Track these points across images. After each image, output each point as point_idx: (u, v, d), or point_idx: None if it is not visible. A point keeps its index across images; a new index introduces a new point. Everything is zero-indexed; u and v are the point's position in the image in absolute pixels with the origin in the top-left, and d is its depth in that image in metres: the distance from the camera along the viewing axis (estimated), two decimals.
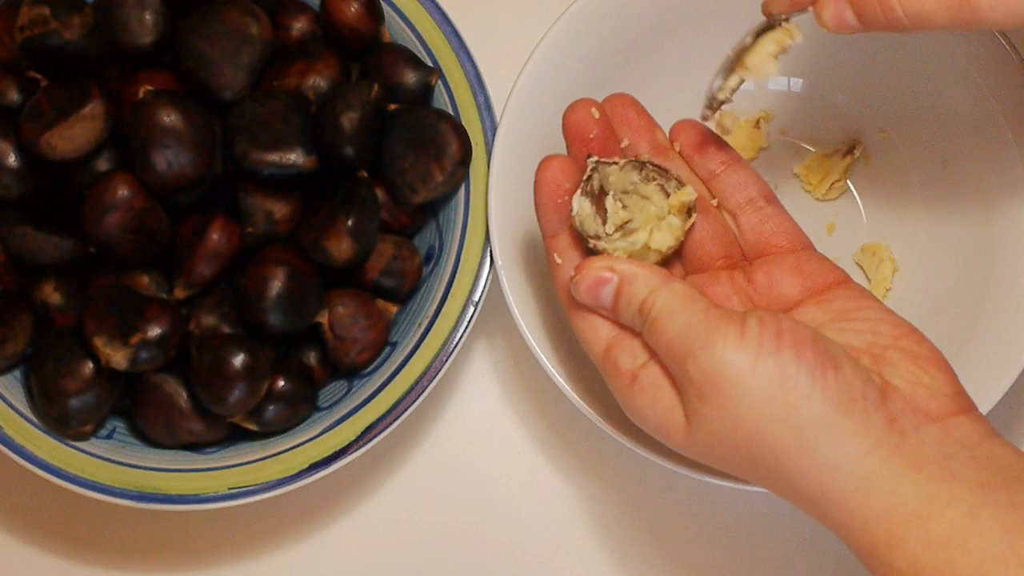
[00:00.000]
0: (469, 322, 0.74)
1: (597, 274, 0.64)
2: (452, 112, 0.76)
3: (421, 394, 0.73)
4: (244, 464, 0.73)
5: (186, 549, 0.78)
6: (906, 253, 0.79)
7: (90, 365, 0.71)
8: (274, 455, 0.73)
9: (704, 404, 0.60)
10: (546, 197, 0.68)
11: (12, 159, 0.72)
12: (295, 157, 0.73)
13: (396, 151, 0.75)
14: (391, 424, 0.73)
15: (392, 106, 0.75)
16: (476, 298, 0.75)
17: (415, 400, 0.73)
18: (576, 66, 0.76)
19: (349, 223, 0.73)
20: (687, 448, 0.62)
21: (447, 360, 0.74)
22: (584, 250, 0.67)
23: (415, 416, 0.75)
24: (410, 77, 0.77)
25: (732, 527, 0.79)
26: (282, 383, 0.73)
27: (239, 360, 0.71)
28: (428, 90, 0.77)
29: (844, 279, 0.66)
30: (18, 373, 0.74)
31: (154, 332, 0.71)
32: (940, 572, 0.55)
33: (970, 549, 0.55)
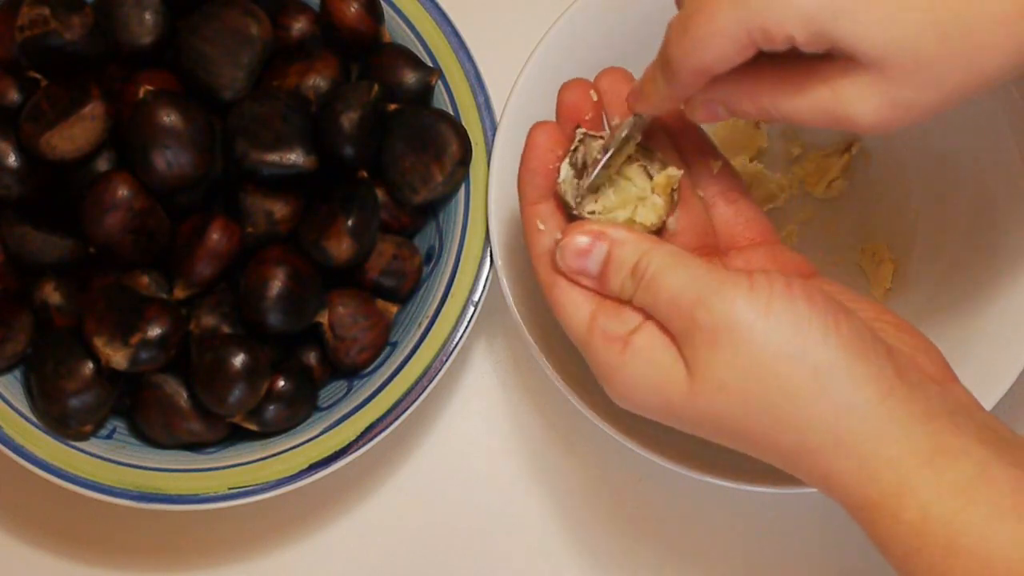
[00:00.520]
0: (469, 322, 0.74)
1: (585, 238, 0.62)
2: (452, 112, 0.76)
3: (421, 394, 0.73)
4: (244, 464, 0.73)
5: (186, 549, 0.78)
6: (906, 253, 0.79)
7: (90, 365, 0.71)
8: (274, 455, 0.73)
9: (715, 352, 0.58)
10: (536, 161, 0.66)
11: (12, 159, 0.72)
12: (295, 157, 0.73)
13: (396, 151, 0.75)
14: (391, 424, 0.73)
15: (392, 106, 0.75)
16: (476, 298, 0.75)
17: (415, 400, 0.73)
18: (576, 66, 0.76)
19: (349, 223, 0.73)
20: (688, 407, 0.60)
21: (447, 360, 0.74)
22: (568, 218, 0.66)
23: (415, 416, 0.75)
24: (410, 77, 0.77)
25: (732, 527, 0.79)
26: (282, 383, 0.73)
27: (239, 360, 0.71)
28: (428, 90, 0.77)
29: (816, 272, 0.66)
30: (18, 373, 0.74)
31: (154, 332, 0.71)
32: (949, 522, 0.55)
33: (979, 500, 0.55)
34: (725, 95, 0.62)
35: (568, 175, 0.66)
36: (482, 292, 0.75)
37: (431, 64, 0.77)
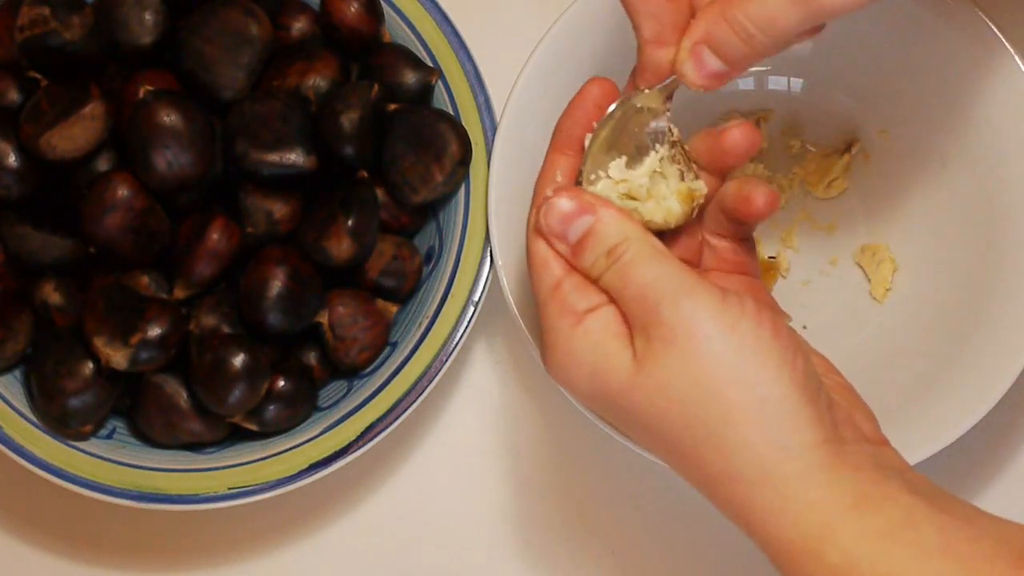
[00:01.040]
0: (469, 322, 0.74)
1: (573, 204, 0.61)
2: (452, 112, 0.76)
3: (421, 394, 0.73)
4: (244, 464, 0.73)
5: (186, 549, 0.78)
6: (906, 253, 0.79)
7: (90, 365, 0.71)
8: (274, 455, 0.73)
9: (669, 351, 0.58)
10: (580, 111, 0.64)
11: (12, 159, 0.72)
12: (295, 157, 0.73)
13: (396, 151, 0.75)
14: (391, 424, 0.73)
15: (392, 106, 0.75)
16: (476, 298, 0.75)
17: (415, 400, 0.73)
18: (576, 66, 0.76)
19: (349, 223, 0.73)
20: (623, 398, 0.59)
21: (447, 360, 0.74)
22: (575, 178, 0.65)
23: (415, 416, 0.75)
24: (410, 77, 0.77)
25: (732, 527, 0.79)
26: (282, 383, 0.73)
27: (239, 360, 0.71)
28: (428, 90, 0.77)
29: (785, 315, 0.66)
30: (18, 373, 0.74)
31: (154, 332, 0.71)
32: (875, 564, 0.55)
33: (907, 542, 0.55)
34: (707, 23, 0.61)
35: (599, 136, 0.64)
36: (482, 292, 0.75)
37: (431, 64, 0.77)
